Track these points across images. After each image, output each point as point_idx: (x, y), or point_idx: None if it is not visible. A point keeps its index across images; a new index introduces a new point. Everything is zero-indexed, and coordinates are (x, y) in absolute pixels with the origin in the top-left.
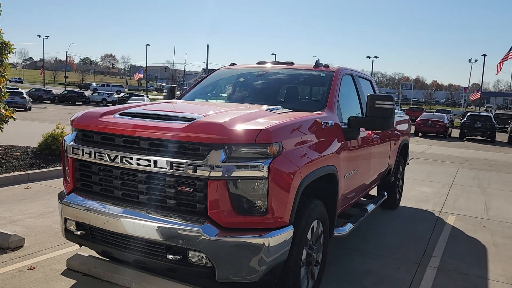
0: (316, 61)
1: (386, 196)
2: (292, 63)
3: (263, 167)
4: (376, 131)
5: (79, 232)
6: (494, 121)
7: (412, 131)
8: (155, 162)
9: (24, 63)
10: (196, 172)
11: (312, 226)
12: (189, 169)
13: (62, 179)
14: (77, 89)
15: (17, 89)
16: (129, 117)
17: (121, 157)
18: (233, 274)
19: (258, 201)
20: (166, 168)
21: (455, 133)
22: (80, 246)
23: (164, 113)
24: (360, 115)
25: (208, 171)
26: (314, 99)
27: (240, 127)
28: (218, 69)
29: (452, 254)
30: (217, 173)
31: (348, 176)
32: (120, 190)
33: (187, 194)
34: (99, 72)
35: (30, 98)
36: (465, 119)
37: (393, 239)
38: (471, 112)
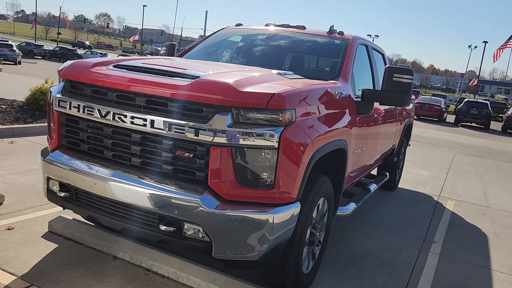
0: (330, 27)
1: (388, 177)
2: (304, 27)
3: (273, 136)
4: (386, 108)
5: (62, 194)
6: (490, 108)
7: None
8: (152, 122)
9: (15, 16)
10: (198, 136)
11: (318, 203)
12: (190, 132)
13: (47, 134)
14: (69, 47)
15: (7, 41)
16: (125, 70)
17: (114, 114)
18: (231, 251)
19: (265, 173)
20: (164, 130)
21: (450, 118)
22: (64, 209)
23: (165, 68)
24: (372, 89)
25: (212, 136)
26: (327, 67)
27: (250, 89)
28: (223, 28)
29: (453, 241)
30: (222, 139)
31: (356, 153)
32: (111, 150)
33: (186, 160)
34: (93, 31)
35: (20, 52)
36: (461, 105)
37: (392, 221)
38: (468, 98)
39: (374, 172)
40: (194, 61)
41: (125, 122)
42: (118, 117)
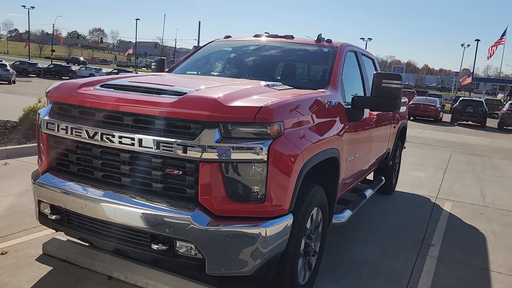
0: (318, 35)
1: (383, 181)
2: (292, 37)
3: (262, 149)
4: (378, 113)
5: (54, 217)
6: (485, 106)
7: None
8: (140, 140)
9: (8, 35)
10: (187, 153)
11: (311, 214)
12: (178, 149)
13: (37, 156)
14: (64, 63)
15: (1, 61)
16: (112, 89)
17: (102, 134)
18: (225, 267)
19: (256, 187)
20: (152, 148)
21: (446, 117)
22: (56, 231)
23: (151, 86)
24: (363, 95)
25: (200, 152)
26: (316, 76)
27: (237, 104)
28: (212, 41)
29: (451, 243)
30: (210, 155)
31: (349, 160)
32: (101, 171)
33: (175, 178)
34: (87, 47)
35: (14, 71)
36: (457, 103)
37: (389, 226)
38: (463, 97)
39: (370, 176)
40: (182, 77)
41: (113, 142)
42: (106, 137)
